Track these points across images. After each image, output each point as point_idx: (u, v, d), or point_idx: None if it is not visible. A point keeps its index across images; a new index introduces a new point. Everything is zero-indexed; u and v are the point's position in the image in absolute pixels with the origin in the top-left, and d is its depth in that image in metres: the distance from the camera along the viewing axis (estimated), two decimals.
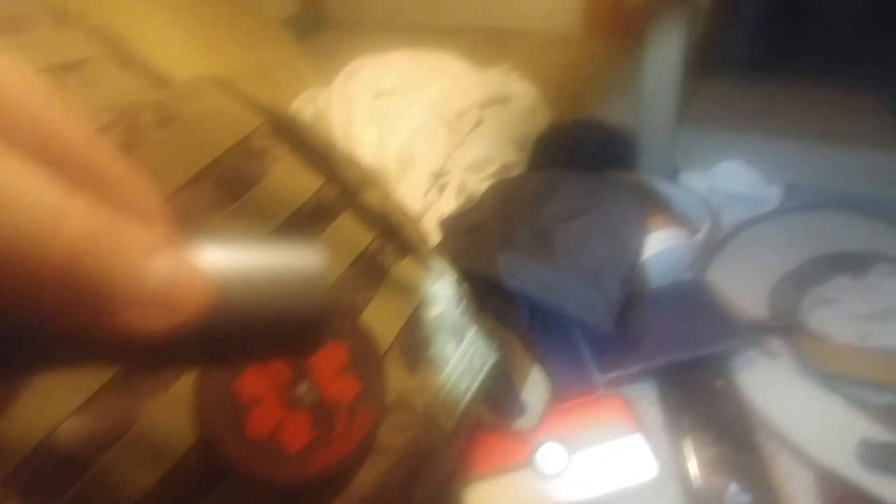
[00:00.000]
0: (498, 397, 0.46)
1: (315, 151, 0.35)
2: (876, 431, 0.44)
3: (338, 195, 0.36)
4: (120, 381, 0.27)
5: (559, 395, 0.48)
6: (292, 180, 0.34)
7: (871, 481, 0.41)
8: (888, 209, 0.62)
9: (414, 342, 0.36)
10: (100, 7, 0.63)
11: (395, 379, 0.34)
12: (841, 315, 0.52)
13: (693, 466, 0.44)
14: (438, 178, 0.62)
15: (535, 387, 0.46)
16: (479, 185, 0.62)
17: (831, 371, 0.48)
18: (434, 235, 0.56)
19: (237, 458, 0.29)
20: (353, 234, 0.36)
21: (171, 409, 0.28)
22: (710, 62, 0.74)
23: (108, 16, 0.62)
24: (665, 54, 0.62)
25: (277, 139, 0.34)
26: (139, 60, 0.37)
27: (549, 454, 0.45)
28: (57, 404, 0.26)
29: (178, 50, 0.69)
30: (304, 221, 0.34)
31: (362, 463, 0.33)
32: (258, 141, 0.33)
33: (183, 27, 0.72)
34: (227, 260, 0.13)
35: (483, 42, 1.13)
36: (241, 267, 0.13)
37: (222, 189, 0.31)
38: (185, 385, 0.29)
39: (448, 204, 0.60)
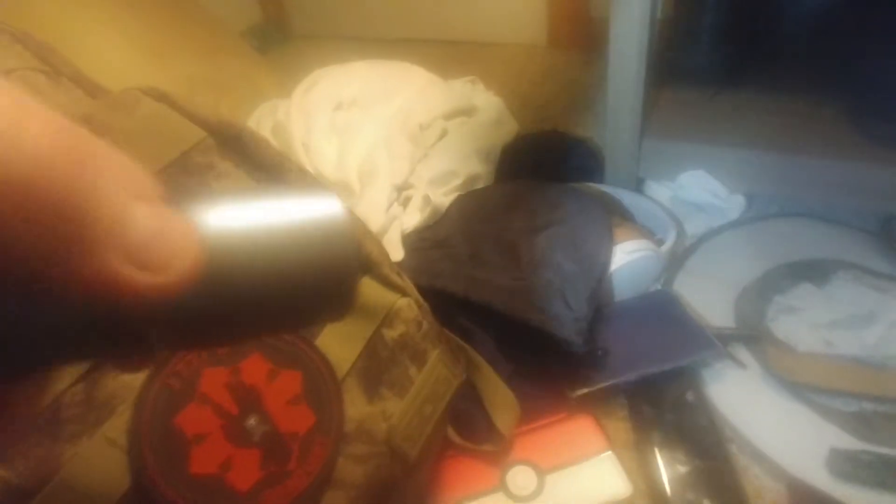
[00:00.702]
0: (465, 419, 0.45)
1: (264, 166, 0.33)
2: (845, 440, 0.44)
3: None
4: (41, 425, 0.25)
5: (528, 415, 0.46)
6: None
7: (842, 491, 0.41)
8: (848, 217, 0.63)
9: (374, 366, 0.34)
10: (34, 15, 0.59)
11: (354, 407, 0.32)
12: (804, 323, 0.52)
13: (666, 483, 0.43)
14: (402, 192, 0.60)
15: (504, 407, 0.45)
16: (444, 198, 0.60)
17: (797, 380, 0.48)
18: (398, 250, 0.55)
19: (180, 501, 0.27)
20: None
21: (102, 450, 0.26)
22: (671, 74, 0.75)
23: (45, 24, 0.59)
24: (627, 66, 0.62)
25: (223, 153, 0.32)
26: (72, 71, 0.35)
27: (519, 476, 0.44)
28: None
29: (125, 59, 0.65)
30: None
31: (320, 499, 0.30)
32: (200, 156, 0.31)
33: (131, 36, 0.69)
34: (234, 220, 0.12)
35: (448, 54, 1.13)
36: (254, 226, 0.12)
37: None
38: (117, 423, 0.26)
39: (412, 218, 0.58)
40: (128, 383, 0.27)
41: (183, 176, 0.30)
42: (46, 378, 0.25)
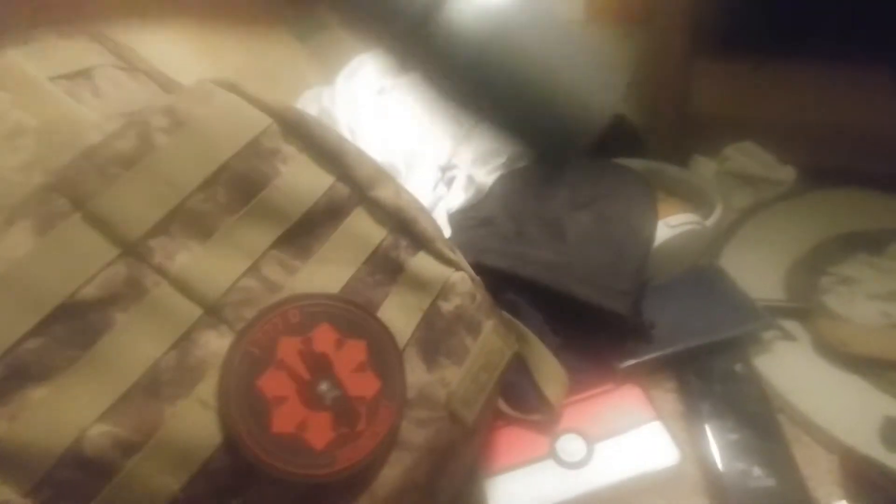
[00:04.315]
0: (516, 390, 0.46)
1: (325, 148, 0.35)
2: None
3: (349, 192, 0.35)
4: (145, 384, 0.27)
5: (577, 386, 0.48)
6: (304, 179, 0.34)
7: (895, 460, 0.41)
8: None
9: (432, 337, 0.36)
10: (101, 18, 0.63)
11: (415, 374, 0.34)
12: (860, 295, 0.51)
13: (714, 452, 0.43)
14: (445, 172, 0.61)
15: (552, 378, 0.46)
16: (487, 177, 0.61)
17: (851, 352, 0.48)
18: (445, 230, 0.56)
19: (263, 457, 0.29)
20: (366, 230, 0.36)
21: (196, 410, 0.28)
22: (714, 44, 0.73)
23: (111, 25, 0.63)
24: (669, 38, 0.61)
25: (287, 138, 0.34)
26: (144, 66, 0.37)
27: (569, 445, 0.45)
28: (82, 410, 0.26)
29: (181, 54, 0.69)
30: (316, 220, 0.34)
31: (386, 459, 0.33)
32: (268, 141, 0.33)
33: (184, 30, 0.72)
34: None
35: None
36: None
37: (234, 191, 0.31)
38: (208, 386, 0.29)
39: (457, 198, 0.59)
40: (214, 351, 0.29)
41: (254, 159, 0.32)
42: (143, 343, 0.28)
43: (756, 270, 0.56)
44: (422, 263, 0.37)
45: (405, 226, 0.37)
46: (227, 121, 0.32)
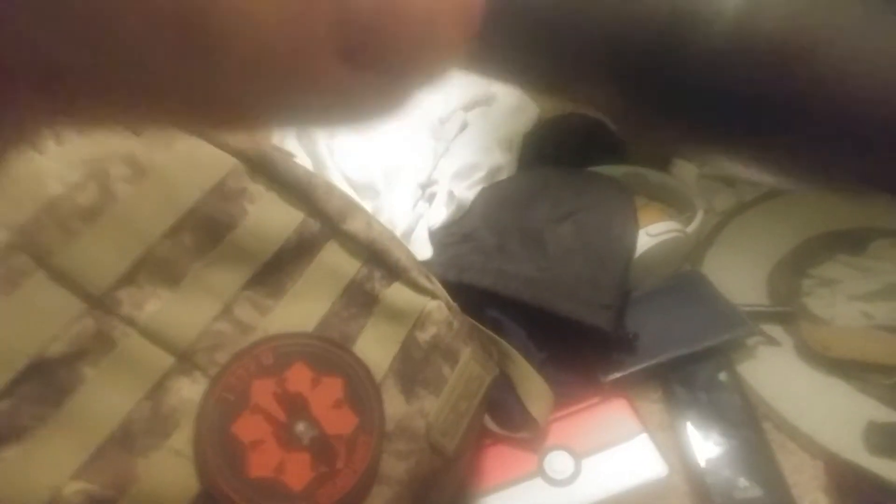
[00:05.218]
0: (501, 408, 0.46)
1: (293, 184, 0.35)
2: (883, 413, 0.44)
3: (320, 226, 0.35)
4: (119, 438, 0.27)
5: (563, 401, 0.48)
6: (273, 217, 0.34)
7: (880, 465, 0.41)
8: None
9: (409, 367, 0.36)
10: None
11: (393, 407, 0.34)
12: (841, 296, 0.52)
13: (701, 463, 0.44)
14: (426, 189, 0.61)
15: (537, 395, 0.46)
16: (468, 192, 0.61)
17: (834, 355, 0.48)
18: (426, 248, 0.56)
19: (242, 502, 0.29)
20: (339, 264, 0.36)
21: (172, 460, 0.28)
22: None
23: None
24: None
25: (254, 177, 0.34)
26: None
27: (556, 461, 0.45)
28: (56, 468, 0.26)
29: None
30: (288, 257, 0.34)
31: (367, 494, 0.33)
32: (234, 181, 0.33)
33: None
34: None
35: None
36: None
37: (201, 235, 0.31)
38: (183, 435, 0.29)
39: (438, 214, 0.59)
40: (187, 398, 0.29)
41: (221, 202, 0.32)
42: (114, 395, 0.28)
43: (738, 275, 0.56)
44: (397, 294, 0.37)
45: (378, 257, 0.37)
46: (190, 165, 0.32)
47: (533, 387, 0.47)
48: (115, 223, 0.29)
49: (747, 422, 0.46)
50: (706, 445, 0.45)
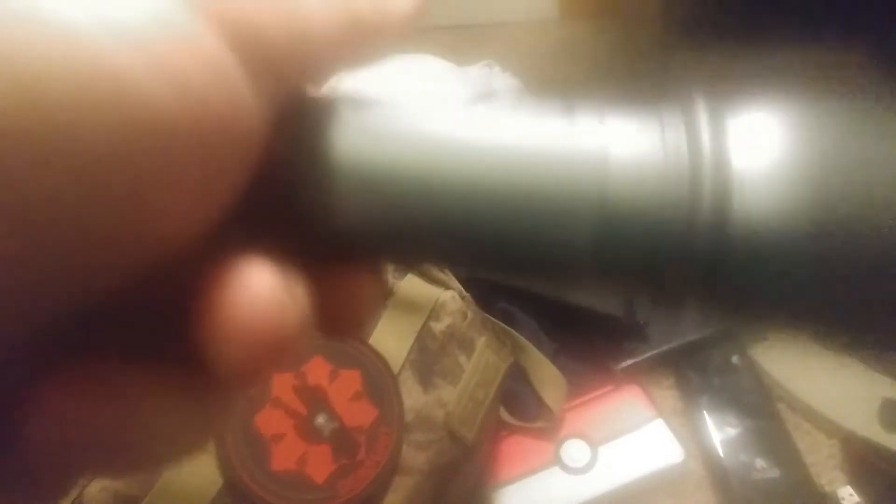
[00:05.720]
0: (516, 399, 0.47)
1: None
2: None
3: None
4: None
5: (576, 390, 0.48)
6: None
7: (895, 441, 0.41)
8: None
9: (426, 358, 0.36)
10: None
11: (412, 397, 0.35)
12: None
13: (717, 446, 0.44)
14: None
15: (551, 384, 0.46)
16: None
17: None
18: None
19: (265, 496, 0.29)
20: None
21: (195, 455, 0.29)
22: (689, 35, 0.74)
23: None
24: (642, 30, 0.61)
25: None
26: None
27: (573, 450, 0.45)
28: None
29: None
30: None
31: (389, 485, 0.33)
32: None
33: None
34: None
35: (460, 39, 1.12)
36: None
37: None
38: None
39: None
40: None
41: None
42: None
43: None
44: (411, 285, 0.37)
45: None
46: None
47: (547, 376, 0.47)
48: None
49: (762, 404, 0.46)
50: (721, 429, 0.45)
